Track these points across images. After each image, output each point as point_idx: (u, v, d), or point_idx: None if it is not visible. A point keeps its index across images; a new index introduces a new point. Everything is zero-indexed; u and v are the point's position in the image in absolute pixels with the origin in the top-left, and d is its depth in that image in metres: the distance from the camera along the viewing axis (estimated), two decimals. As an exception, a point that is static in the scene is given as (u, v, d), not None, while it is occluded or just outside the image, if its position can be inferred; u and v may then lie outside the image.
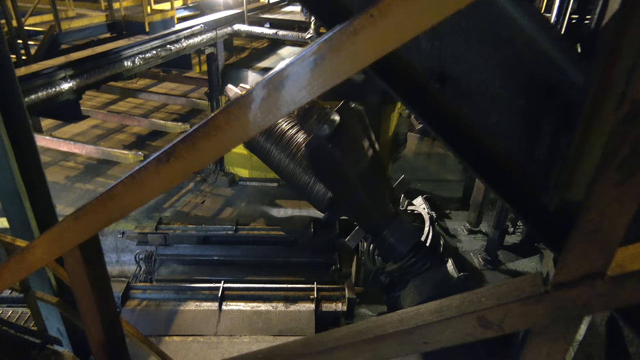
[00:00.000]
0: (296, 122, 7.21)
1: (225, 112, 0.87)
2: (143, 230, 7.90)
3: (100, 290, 1.39)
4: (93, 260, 1.34)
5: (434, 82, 1.12)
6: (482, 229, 8.10)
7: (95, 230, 1.24)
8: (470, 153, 1.21)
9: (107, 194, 1.16)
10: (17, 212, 3.48)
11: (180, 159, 0.97)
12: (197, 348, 6.19)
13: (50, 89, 5.58)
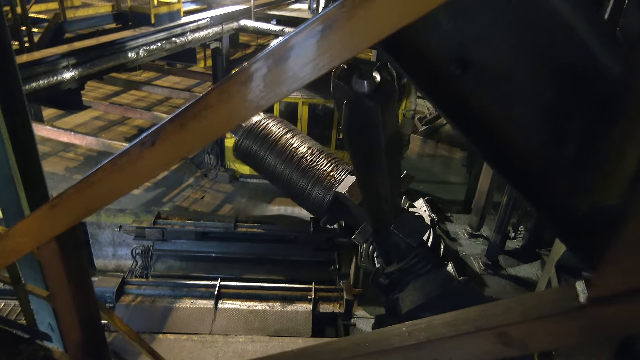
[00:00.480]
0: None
1: (218, 89, 0.77)
2: (141, 225, 7.82)
3: (79, 287, 1.29)
4: (71, 253, 1.24)
5: (454, 67, 1.01)
6: (483, 233, 8.01)
7: (73, 221, 1.13)
8: (490, 147, 1.10)
9: (86, 180, 1.05)
10: (12, 199, 3.40)
11: (167, 142, 0.87)
12: (191, 346, 6.11)
13: (51, 77, 5.50)
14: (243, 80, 0.76)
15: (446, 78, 1.04)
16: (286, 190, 7.07)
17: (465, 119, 1.08)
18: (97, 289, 6.75)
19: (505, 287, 6.86)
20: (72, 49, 6.05)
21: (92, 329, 1.36)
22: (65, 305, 1.28)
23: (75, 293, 1.28)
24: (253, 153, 7.03)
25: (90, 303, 1.34)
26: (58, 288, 1.26)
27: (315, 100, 9.49)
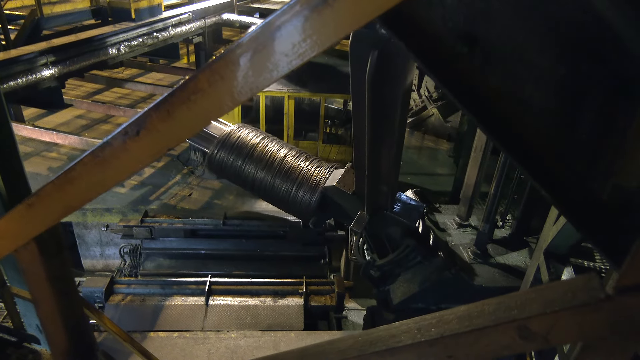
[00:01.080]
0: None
1: (209, 71, 0.71)
2: (128, 224, 7.71)
3: (63, 291, 1.19)
4: (53, 256, 1.15)
5: (461, 45, 0.95)
6: (471, 223, 8.05)
7: (53, 220, 1.04)
8: (499, 129, 1.03)
9: (64, 176, 0.96)
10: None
11: (154, 132, 0.79)
12: (183, 344, 6.06)
13: (30, 76, 5.36)
14: (236, 59, 0.69)
15: (452, 56, 0.98)
16: (269, 197, 6.97)
17: (472, 99, 1.02)
18: (85, 289, 6.65)
19: (494, 275, 6.92)
20: (51, 46, 5.90)
21: (79, 335, 1.26)
22: (48, 311, 1.19)
23: (59, 297, 1.19)
24: (230, 164, 6.93)
25: (75, 307, 1.25)
26: (40, 292, 1.17)
27: (302, 94, 9.43)
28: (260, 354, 6.00)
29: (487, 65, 1.00)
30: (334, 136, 9.93)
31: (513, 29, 0.94)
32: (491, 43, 0.97)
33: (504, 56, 0.98)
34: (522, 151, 1.04)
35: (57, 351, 1.23)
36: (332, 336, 5.86)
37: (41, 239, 1.08)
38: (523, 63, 0.97)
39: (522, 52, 0.96)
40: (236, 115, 9.52)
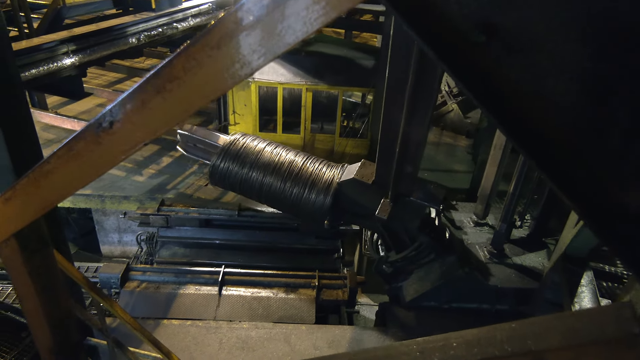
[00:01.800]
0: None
1: (184, 56, 0.64)
2: (145, 212, 7.80)
3: (46, 287, 1.15)
4: (35, 252, 1.11)
5: (478, 33, 0.86)
6: (488, 222, 7.93)
7: (32, 216, 0.99)
8: (517, 127, 0.94)
9: (39, 169, 0.90)
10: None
11: (127, 124, 0.73)
12: (195, 332, 6.12)
13: (51, 64, 5.44)
14: (214, 43, 0.62)
15: (468, 46, 0.90)
16: (279, 203, 6.87)
17: (489, 93, 0.93)
18: (102, 274, 6.77)
19: (510, 275, 6.80)
20: (72, 34, 5.96)
21: (64, 332, 1.23)
22: (31, 307, 1.15)
23: (42, 294, 1.14)
24: (235, 173, 6.83)
25: (60, 305, 1.21)
26: (22, 288, 1.13)
27: (320, 87, 9.37)
28: (271, 345, 6.03)
29: (505, 57, 0.91)
30: (351, 130, 9.86)
31: (536, 17, 0.85)
32: (511, 32, 0.89)
33: (524, 47, 0.89)
34: (541, 153, 0.95)
35: (42, 347, 1.21)
36: (343, 331, 5.87)
37: (21, 234, 1.05)
38: (546, 55, 0.88)
39: (546, 42, 0.87)
40: (254, 107, 9.53)
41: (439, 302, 6.74)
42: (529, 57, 0.89)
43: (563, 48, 0.86)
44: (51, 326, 1.17)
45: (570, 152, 0.93)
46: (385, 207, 6.09)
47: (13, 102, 3.14)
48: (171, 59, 0.66)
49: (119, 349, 3.29)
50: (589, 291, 4.76)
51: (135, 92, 0.70)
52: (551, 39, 0.87)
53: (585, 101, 0.89)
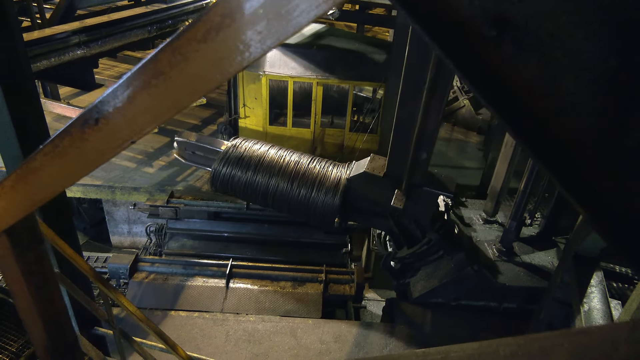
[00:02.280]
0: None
1: (169, 51, 0.60)
2: (154, 203, 7.85)
3: (39, 285, 1.12)
4: (27, 249, 1.08)
5: (488, 27, 0.79)
6: (498, 220, 7.86)
7: (21, 212, 0.97)
8: (528, 130, 0.87)
9: (26, 166, 0.88)
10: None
11: (114, 121, 0.70)
12: (202, 324, 6.17)
13: (62, 55, 5.46)
14: (200, 37, 0.58)
15: (477, 41, 0.83)
16: (286, 206, 6.82)
17: (499, 93, 0.86)
18: (111, 265, 6.83)
19: (519, 274, 6.74)
20: (84, 25, 5.99)
21: (58, 331, 1.21)
22: (25, 305, 1.13)
23: (35, 292, 1.11)
24: (237, 178, 6.77)
25: (55, 303, 1.19)
26: (15, 286, 1.11)
27: (330, 81, 9.33)
28: (277, 339, 6.05)
29: (518, 53, 0.83)
30: (362, 124, 9.81)
31: (554, 10, 0.78)
32: (525, 26, 0.81)
33: (540, 43, 0.82)
34: (556, 157, 0.88)
35: (37, 345, 1.20)
36: (349, 326, 5.87)
37: (13, 231, 1.02)
38: (564, 51, 0.81)
39: (564, 37, 0.80)
40: (264, 100, 9.52)
41: (447, 299, 6.71)
42: (545, 54, 0.82)
43: (584, 44, 0.79)
44: (46, 324, 1.15)
45: (588, 157, 0.87)
46: (399, 197, 6.10)
47: (24, 93, 3.15)
48: (156, 53, 0.62)
49: (125, 340, 3.32)
50: (598, 292, 4.69)
51: (120, 87, 0.68)
52: (571, 34, 0.79)
53: (607, 102, 0.82)
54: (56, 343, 1.19)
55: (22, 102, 3.11)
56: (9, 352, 3.66)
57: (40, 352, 1.22)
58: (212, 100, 12.73)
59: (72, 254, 2.88)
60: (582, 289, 4.78)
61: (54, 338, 1.19)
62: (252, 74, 9.36)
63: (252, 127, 9.99)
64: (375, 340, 6.17)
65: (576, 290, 4.78)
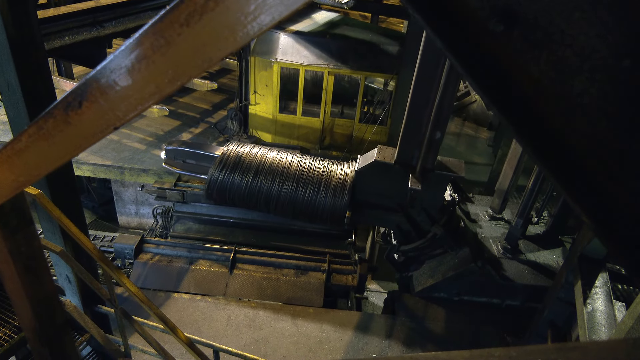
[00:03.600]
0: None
1: (151, 33, 0.58)
2: (162, 186, 7.89)
3: (29, 267, 1.11)
4: (16, 230, 1.06)
5: (496, 22, 0.76)
6: (504, 217, 7.82)
7: (9, 193, 0.95)
8: (535, 133, 0.83)
9: (11, 147, 0.86)
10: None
11: (96, 104, 0.68)
12: (204, 307, 6.23)
13: (77, 34, 5.47)
14: (183, 20, 0.56)
15: (483, 36, 0.79)
16: (291, 209, 6.72)
17: (505, 92, 0.83)
18: (117, 245, 6.91)
19: (523, 272, 6.72)
20: (99, 4, 5.99)
21: (48, 314, 1.19)
22: (13, 286, 1.12)
23: (24, 274, 1.09)
24: (237, 184, 6.63)
25: (45, 285, 1.18)
26: (4, 267, 1.09)
27: (342, 71, 9.27)
28: (278, 325, 6.10)
29: (527, 50, 0.79)
30: (372, 116, 9.75)
31: (567, 5, 0.74)
32: (535, 22, 0.77)
33: (549, 40, 0.77)
34: (563, 162, 0.83)
35: (26, 327, 1.18)
36: (350, 316, 5.89)
37: (1, 212, 1.01)
38: (575, 50, 0.76)
39: (576, 35, 0.76)
40: (275, 88, 9.49)
41: (449, 294, 6.71)
42: (554, 52, 0.78)
43: (597, 43, 0.75)
44: (34, 307, 1.14)
45: (596, 161, 0.82)
46: (415, 179, 6.14)
47: (37, 71, 3.17)
48: (139, 35, 0.60)
49: (126, 320, 3.36)
50: (602, 293, 4.67)
51: (102, 70, 0.66)
52: (582, 31, 0.75)
53: (619, 104, 0.77)
54: (45, 326, 1.18)
55: (35, 80, 3.14)
56: (12, 325, 3.72)
57: (29, 334, 1.21)
58: (224, 86, 12.73)
59: (77, 232, 2.91)
60: (586, 290, 4.76)
61: (43, 321, 1.17)
62: (264, 61, 9.33)
63: (261, 114, 9.98)
64: (376, 332, 6.20)
65: (580, 290, 4.76)
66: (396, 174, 6.39)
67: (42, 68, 3.36)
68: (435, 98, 5.72)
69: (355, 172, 6.66)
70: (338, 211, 6.58)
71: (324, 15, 10.99)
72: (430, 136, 5.92)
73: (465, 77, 0.84)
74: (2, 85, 3.31)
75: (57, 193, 3.74)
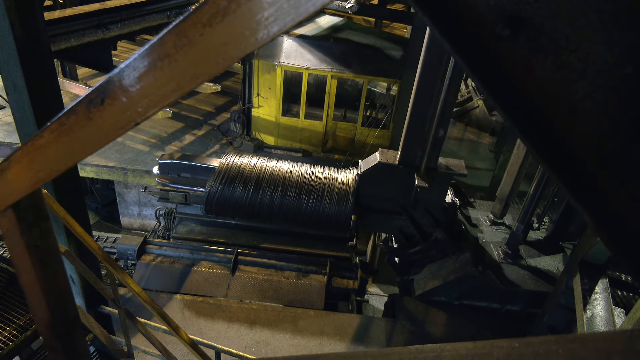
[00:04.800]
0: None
1: (174, 33, 0.61)
2: (165, 187, 7.92)
3: (45, 262, 1.13)
4: (33, 225, 1.10)
5: (502, 27, 0.79)
6: (505, 222, 7.84)
7: (27, 188, 0.98)
8: (540, 135, 0.86)
9: (32, 143, 0.90)
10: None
11: (118, 102, 0.71)
12: (206, 308, 6.25)
13: (82, 36, 5.52)
14: (205, 20, 0.59)
15: (490, 40, 0.82)
16: (294, 218, 6.76)
17: (510, 94, 0.85)
18: (120, 246, 6.94)
19: (523, 277, 6.73)
20: (104, 7, 6.04)
21: (61, 308, 1.22)
22: (29, 281, 1.13)
23: (40, 269, 1.13)
24: (237, 196, 6.66)
25: (59, 280, 1.21)
26: (20, 262, 1.11)
27: (345, 75, 9.32)
28: (279, 327, 6.12)
29: (532, 54, 0.81)
30: (374, 120, 9.79)
31: (572, 12, 0.77)
32: (541, 27, 0.80)
33: (555, 45, 0.80)
34: (568, 166, 0.86)
35: (39, 321, 1.21)
36: (351, 319, 5.91)
37: (19, 207, 1.05)
38: (579, 55, 0.79)
39: (580, 41, 0.78)
40: (278, 91, 9.54)
41: (449, 298, 6.73)
42: (559, 57, 0.80)
43: (600, 49, 0.77)
44: (49, 301, 1.16)
45: (602, 164, 0.85)
46: (422, 177, 6.21)
47: (43, 72, 3.21)
48: (162, 35, 0.64)
49: (130, 320, 3.38)
50: (602, 299, 4.68)
51: (126, 68, 0.69)
52: (586, 37, 0.77)
53: (620, 111, 0.80)
54: (58, 320, 1.21)
55: (41, 81, 3.17)
56: (17, 325, 3.75)
57: (42, 328, 1.23)
58: (227, 88, 12.78)
59: (82, 232, 2.94)
60: (586, 296, 4.77)
61: (56, 315, 1.20)
62: (267, 64, 9.38)
63: (264, 116, 10.02)
64: (376, 335, 6.21)
65: (580, 296, 4.77)
66: (400, 175, 6.44)
67: (48, 69, 3.40)
68: (438, 95, 5.79)
69: (359, 175, 6.70)
70: (343, 217, 6.61)
71: (328, 19, 11.05)
72: (434, 134, 6.00)
73: (472, 78, 0.87)
74: (9, 86, 3.35)
75: (61, 193, 3.78)
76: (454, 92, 5.76)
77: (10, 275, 4.09)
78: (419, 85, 5.84)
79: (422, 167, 6.25)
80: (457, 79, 5.68)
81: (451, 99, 5.78)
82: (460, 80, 5.80)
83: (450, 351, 0.61)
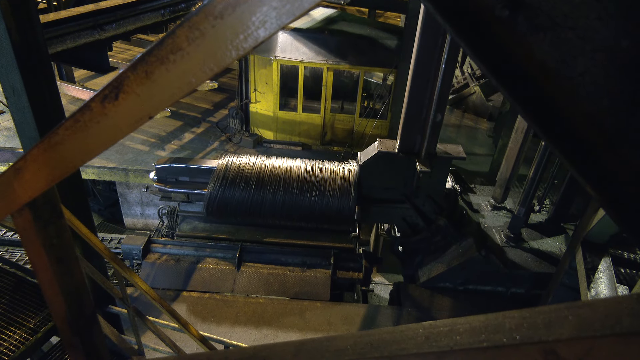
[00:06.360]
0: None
1: (187, 26, 0.64)
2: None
3: (61, 259, 1.15)
4: (48, 222, 1.12)
5: (501, 7, 0.81)
6: (506, 206, 7.88)
7: (43, 186, 1.00)
8: (541, 112, 0.88)
9: (48, 140, 0.92)
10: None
11: (132, 96, 0.73)
12: (213, 305, 6.30)
13: (78, 37, 5.52)
14: (217, 13, 0.61)
15: (490, 21, 0.83)
16: (297, 215, 6.77)
17: (511, 72, 0.87)
18: (124, 246, 6.98)
19: (526, 260, 6.78)
20: (98, 8, 6.03)
21: (78, 304, 1.25)
22: (46, 278, 1.16)
23: (56, 266, 1.16)
24: (237, 197, 6.65)
25: (75, 276, 1.23)
26: (36, 259, 1.14)
27: (341, 67, 9.31)
28: (286, 320, 6.17)
29: (531, 33, 0.83)
30: (371, 110, 9.80)
31: None
32: (538, 6, 0.82)
33: (553, 23, 0.82)
34: (570, 140, 0.88)
35: (57, 317, 1.24)
36: (357, 308, 5.95)
37: (35, 205, 1.07)
38: (577, 32, 0.81)
39: (577, 18, 0.80)
40: (275, 85, 9.54)
41: (454, 283, 6.78)
42: (557, 35, 0.82)
43: (596, 25, 0.79)
44: (66, 297, 1.19)
45: (602, 138, 0.86)
46: (424, 163, 6.26)
47: (41, 76, 3.22)
48: (175, 29, 0.66)
49: (139, 318, 3.42)
50: (606, 277, 4.73)
51: (138, 63, 0.71)
52: (583, 14, 0.80)
53: (618, 84, 0.82)
54: (76, 315, 1.24)
55: (40, 84, 3.19)
56: (27, 327, 3.79)
57: (60, 324, 1.26)
58: (224, 85, 12.77)
59: (88, 233, 2.97)
60: (589, 275, 4.82)
61: (73, 310, 1.23)
62: (263, 59, 9.37)
63: (262, 111, 10.03)
64: (383, 323, 6.27)
65: (584, 275, 4.82)
66: (400, 163, 6.48)
67: (46, 72, 3.42)
68: (434, 79, 5.82)
69: (359, 166, 6.72)
70: (347, 210, 6.64)
71: (322, 11, 11.02)
72: (432, 119, 6.04)
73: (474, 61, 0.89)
74: (8, 90, 3.37)
75: (66, 195, 3.80)
76: (450, 73, 5.79)
77: (18, 278, 4.13)
78: (415, 70, 5.86)
79: (422, 153, 6.29)
80: (453, 61, 5.70)
81: (447, 82, 5.81)
82: (455, 63, 5.84)
83: (464, 324, 0.63)
